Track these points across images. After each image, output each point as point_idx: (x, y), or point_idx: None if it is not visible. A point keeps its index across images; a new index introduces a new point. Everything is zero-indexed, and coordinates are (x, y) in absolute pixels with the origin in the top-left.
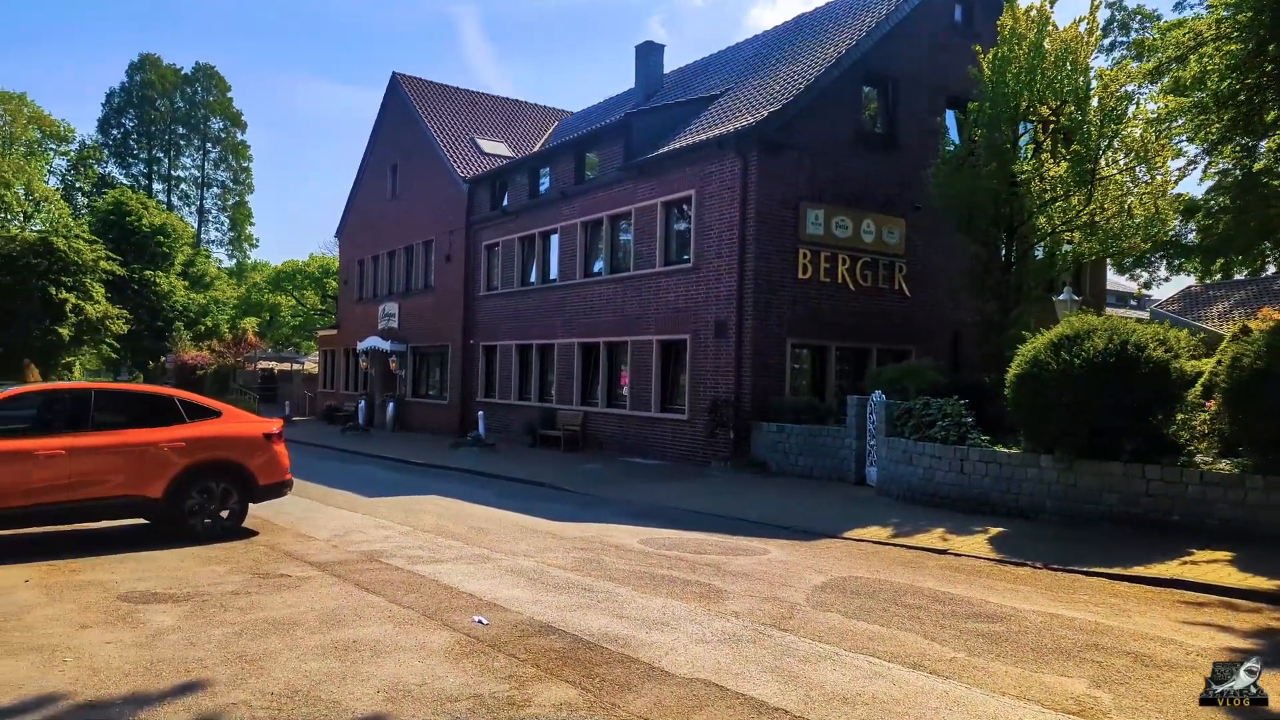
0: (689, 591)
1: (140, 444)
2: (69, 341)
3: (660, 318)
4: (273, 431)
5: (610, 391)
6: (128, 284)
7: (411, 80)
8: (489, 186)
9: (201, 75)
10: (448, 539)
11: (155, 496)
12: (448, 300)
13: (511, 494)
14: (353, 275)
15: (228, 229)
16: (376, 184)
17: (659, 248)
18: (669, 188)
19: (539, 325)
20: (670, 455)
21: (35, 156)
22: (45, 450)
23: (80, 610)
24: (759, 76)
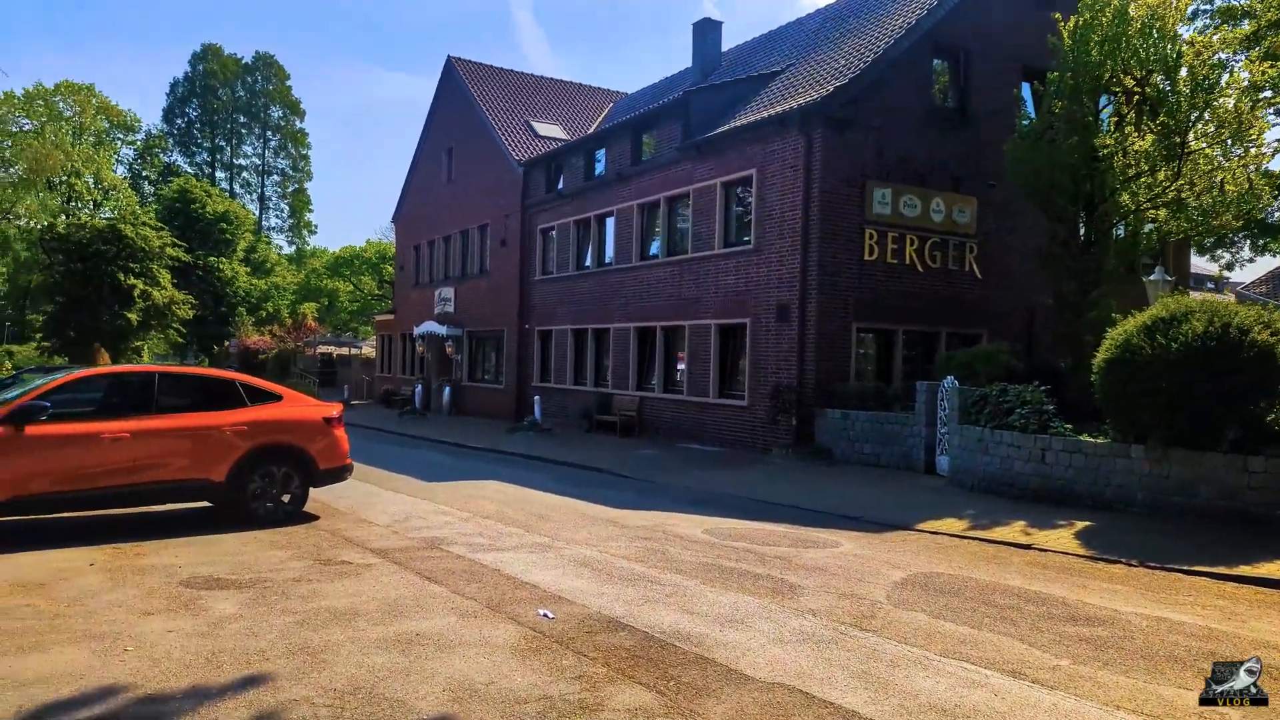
0: (761, 586)
1: (203, 427)
2: (137, 326)
3: (719, 301)
4: (333, 415)
5: (667, 376)
6: (193, 270)
7: (466, 64)
8: (544, 169)
9: (261, 64)
10: (508, 526)
11: (218, 480)
12: (503, 285)
13: (569, 480)
14: (409, 260)
15: (287, 216)
16: (432, 169)
17: (718, 229)
18: (729, 167)
19: (594, 309)
20: (728, 441)
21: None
22: (111, 433)
23: (143, 596)
24: (822, 51)
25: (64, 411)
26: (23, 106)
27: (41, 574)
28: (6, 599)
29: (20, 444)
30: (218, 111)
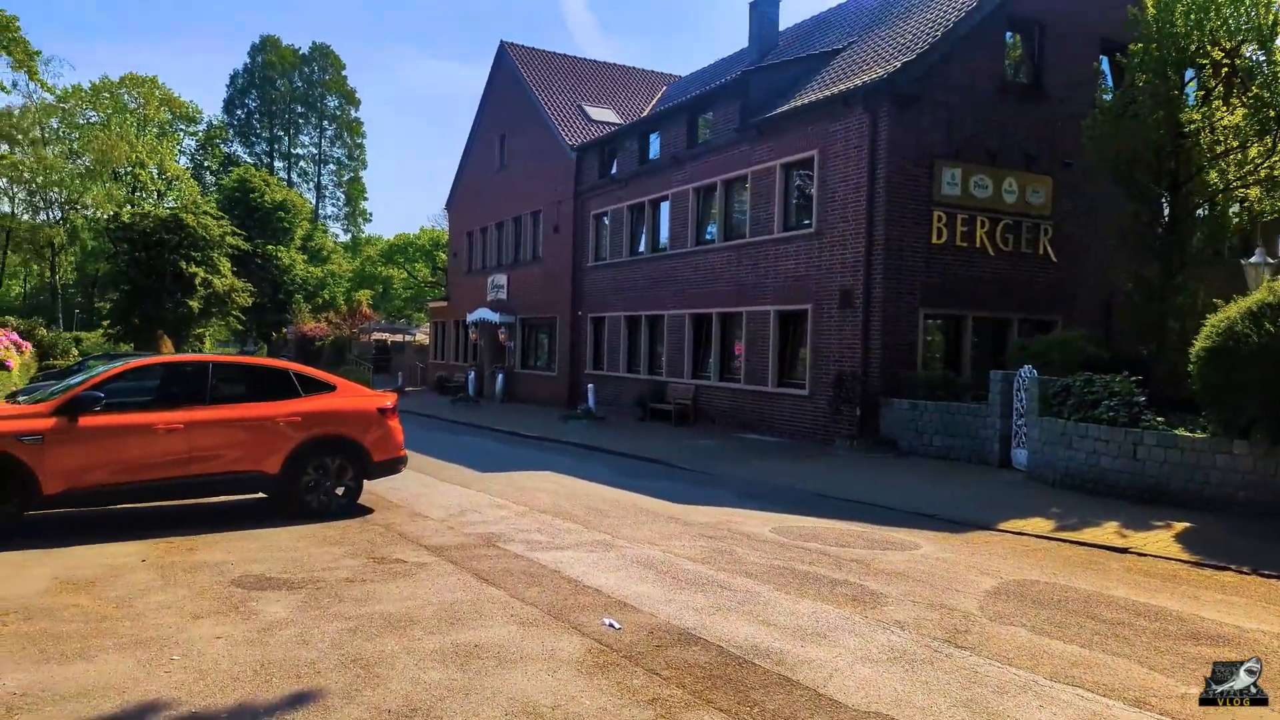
0: (839, 594)
1: (257, 418)
2: (198, 314)
3: (778, 287)
4: (387, 406)
5: (723, 364)
6: (252, 258)
7: (519, 49)
8: (597, 154)
9: (318, 55)
10: (565, 521)
11: (272, 472)
12: (556, 271)
13: (625, 471)
14: (462, 247)
15: (343, 204)
16: (484, 155)
17: (777, 212)
18: (789, 148)
19: (648, 296)
20: (788, 432)
21: (167, 137)
22: (165, 424)
23: (193, 596)
24: (886, 27)
25: (118, 401)
26: (90, 99)
27: (92, 569)
28: (55, 598)
29: (74, 435)
30: (276, 102)
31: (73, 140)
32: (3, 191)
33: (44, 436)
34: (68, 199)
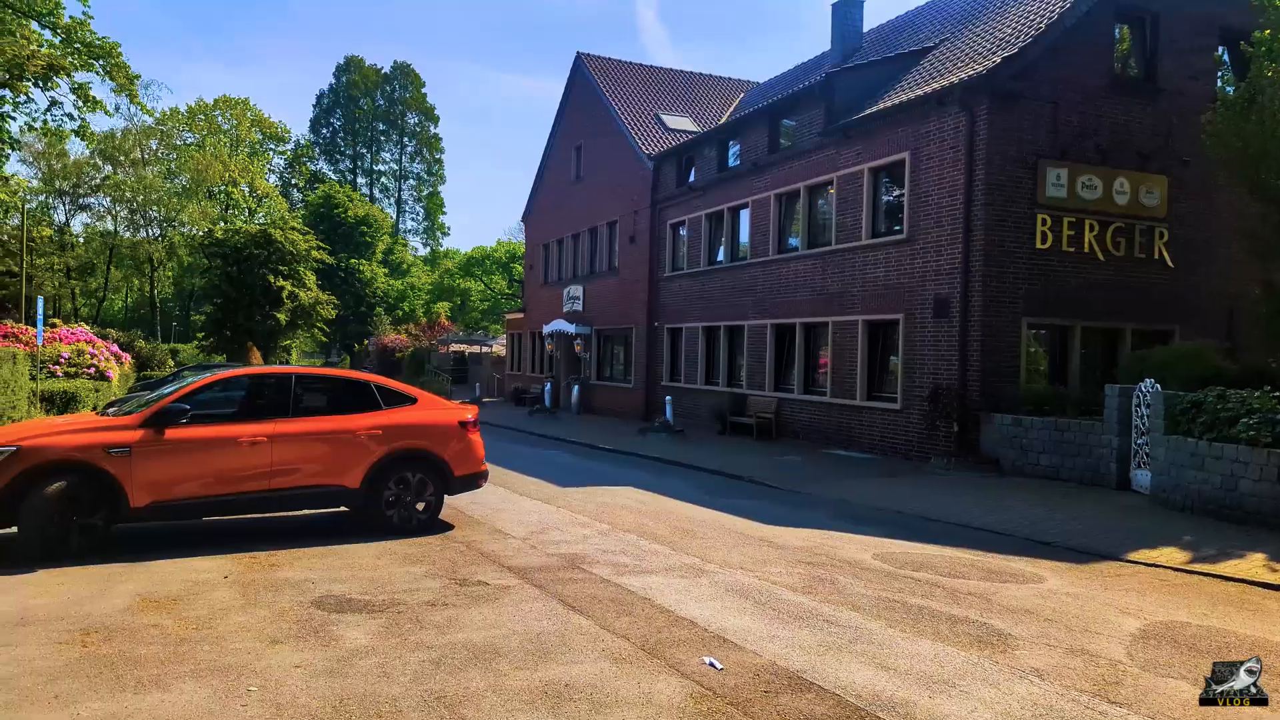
0: (962, 633)
1: (339, 431)
2: (285, 326)
3: (866, 296)
4: (468, 419)
5: (807, 377)
6: (335, 271)
7: (595, 59)
8: (674, 163)
9: (399, 73)
10: (651, 542)
11: (353, 487)
12: (632, 282)
13: (709, 488)
14: (538, 259)
15: (422, 218)
16: (561, 167)
17: (865, 218)
18: (877, 151)
19: (727, 306)
20: (878, 448)
21: (257, 156)
22: (249, 437)
23: (273, 618)
24: (981, 23)
25: (204, 414)
26: (186, 121)
27: (175, 586)
28: (136, 616)
29: (161, 448)
30: (359, 120)
31: (170, 160)
32: (107, 210)
33: (131, 449)
34: (166, 217)
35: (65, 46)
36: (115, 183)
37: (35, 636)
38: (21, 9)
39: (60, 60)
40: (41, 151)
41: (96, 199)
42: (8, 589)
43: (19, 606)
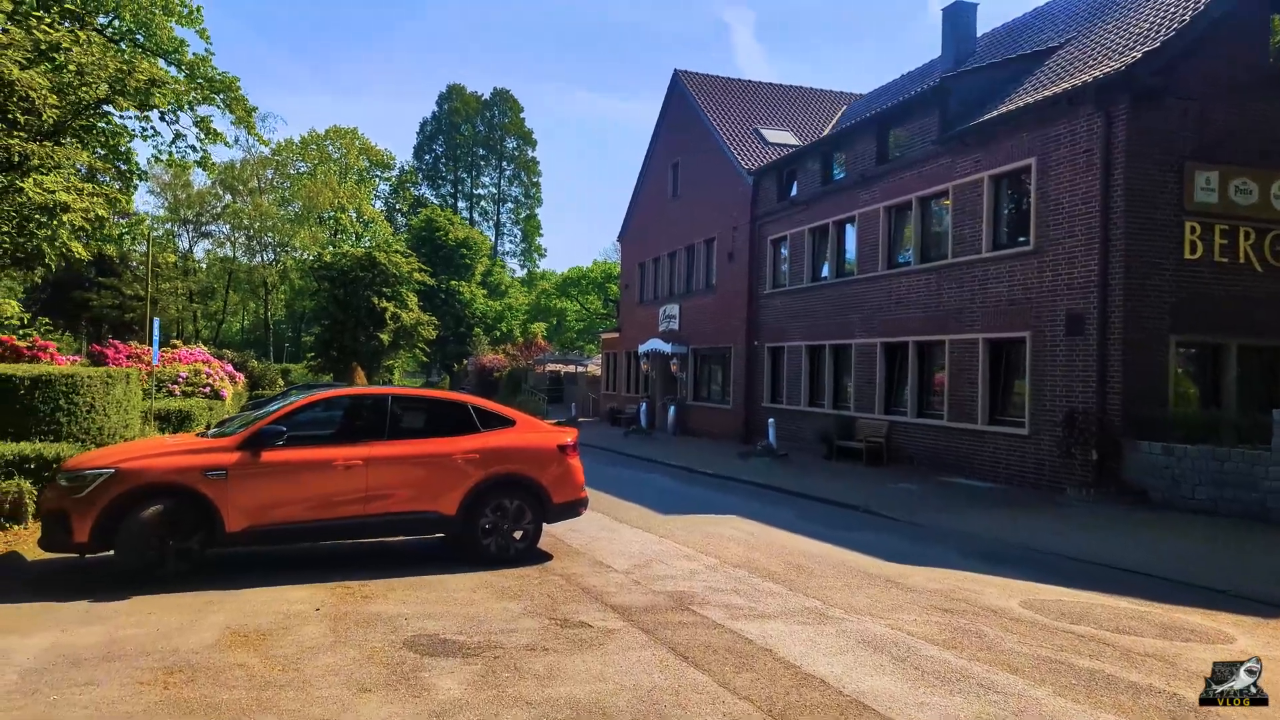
0: (1151, 708)
1: (435, 455)
2: (388, 346)
3: (988, 312)
4: (567, 443)
5: (921, 399)
6: (436, 293)
7: (691, 76)
8: (775, 177)
9: (498, 99)
10: (764, 579)
11: (449, 513)
12: (730, 300)
13: (820, 518)
14: (634, 278)
15: (520, 240)
16: (657, 185)
17: (985, 229)
18: (999, 158)
19: (832, 324)
20: (1003, 476)
21: (364, 183)
22: (344, 460)
23: (363, 660)
24: (1112, 19)
25: (300, 435)
26: (299, 151)
27: (265, 618)
28: (223, 654)
29: (257, 471)
30: (460, 146)
31: (284, 189)
32: (226, 237)
33: (228, 472)
34: (279, 242)
35: (189, 82)
36: (234, 211)
37: (118, 675)
38: (151, 48)
39: (184, 94)
40: (168, 183)
41: (217, 226)
42: (100, 617)
43: (107, 638)
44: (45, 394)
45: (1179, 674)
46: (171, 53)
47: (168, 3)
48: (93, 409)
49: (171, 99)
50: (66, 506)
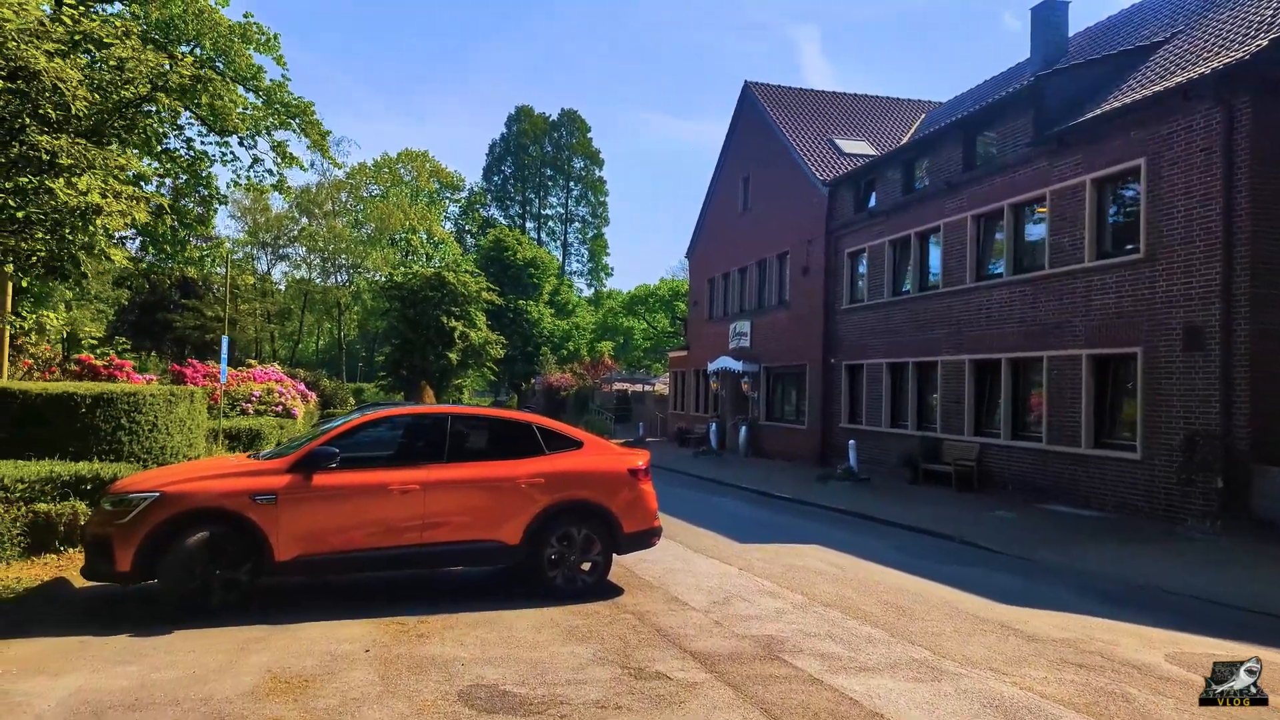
0: None
1: (497, 479)
2: (457, 365)
3: (1092, 325)
4: (639, 466)
5: (1016, 419)
6: (504, 312)
7: (762, 87)
8: (852, 188)
9: (566, 120)
10: (861, 623)
11: (511, 543)
12: (805, 316)
13: (913, 549)
14: (702, 295)
15: (587, 260)
16: (727, 200)
17: (1087, 237)
18: (1102, 160)
19: (916, 340)
20: (1111, 504)
21: (435, 205)
22: (400, 484)
23: (413, 714)
24: (1226, 7)
25: (353, 457)
26: (372, 174)
27: (310, 660)
28: (259, 704)
29: (308, 495)
30: (528, 167)
31: (358, 211)
32: (302, 259)
33: (278, 496)
34: (352, 263)
35: (266, 108)
36: (309, 233)
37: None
38: (230, 75)
39: (261, 119)
40: (248, 207)
41: (293, 249)
42: (137, 654)
43: (139, 682)
44: (107, 412)
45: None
46: (250, 79)
47: (246, 31)
48: (155, 428)
49: (250, 124)
50: (110, 532)
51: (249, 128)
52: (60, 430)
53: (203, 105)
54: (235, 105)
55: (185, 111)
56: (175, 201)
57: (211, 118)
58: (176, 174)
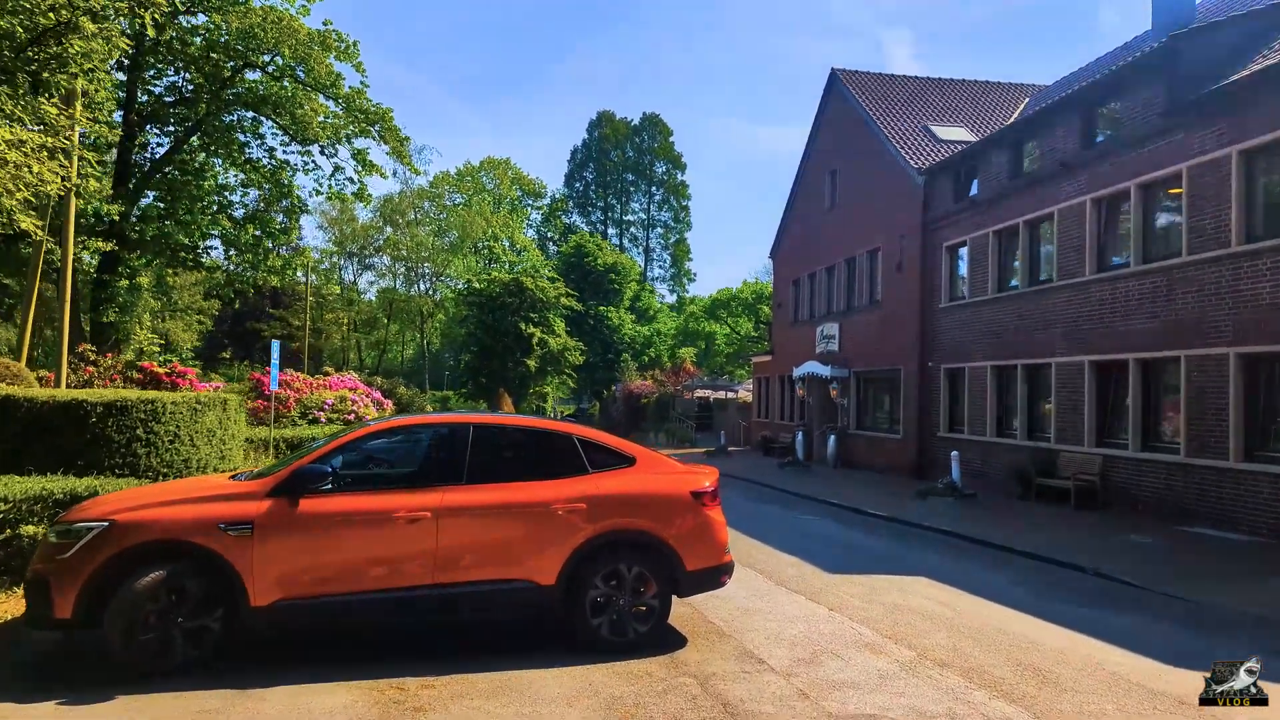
0: None
1: (529, 504)
2: (535, 372)
3: (1242, 320)
4: (705, 488)
5: (1146, 428)
6: (585, 319)
7: (851, 74)
8: (951, 176)
9: (648, 124)
10: (990, 694)
11: (545, 583)
12: (899, 316)
13: (1036, 584)
14: (787, 297)
15: (669, 265)
16: (813, 196)
17: (1235, 218)
18: (1255, 128)
19: (1026, 340)
20: (1267, 528)
21: (517, 212)
22: (408, 511)
23: None
24: None
25: (353, 476)
26: (455, 183)
27: None
28: None
29: (292, 524)
30: (609, 172)
31: (440, 220)
32: (388, 269)
33: (254, 525)
34: (435, 272)
35: (346, 115)
36: (393, 242)
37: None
38: (310, 83)
39: (342, 126)
40: (335, 218)
41: (379, 259)
42: None
43: None
44: (120, 422)
45: None
46: (329, 86)
47: (325, 39)
48: (177, 438)
49: (330, 132)
50: (48, 571)
51: (329, 136)
52: (69, 442)
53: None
54: (316, 114)
55: (266, 121)
56: (261, 210)
57: (293, 126)
58: (260, 183)
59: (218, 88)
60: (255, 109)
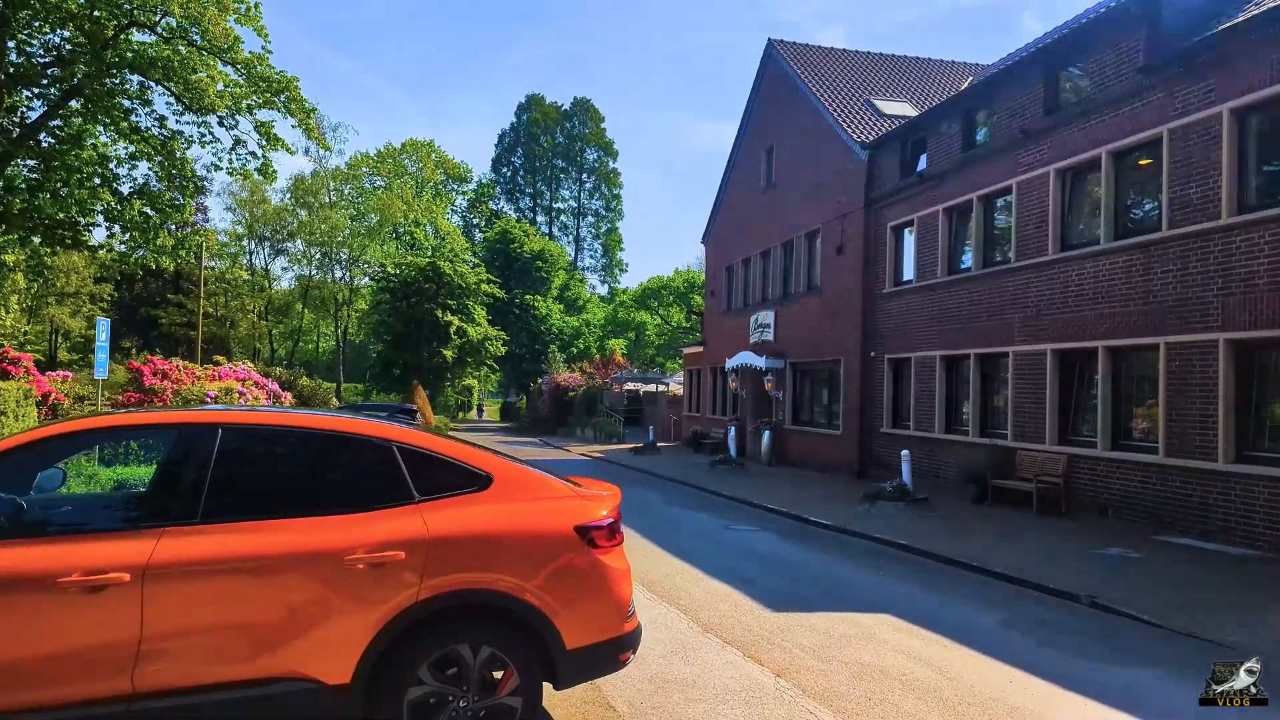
0: None
1: (307, 554)
2: (453, 363)
3: (1232, 302)
4: (597, 522)
5: (1117, 424)
6: (510, 308)
7: (789, 45)
8: (896, 150)
9: (579, 109)
10: None
11: (336, 682)
12: (839, 302)
13: (1028, 623)
14: (720, 284)
15: (600, 255)
16: (747, 176)
17: (1225, 185)
18: (1246, 83)
19: (979, 327)
20: (1262, 539)
21: (440, 197)
22: (91, 570)
23: None
24: None
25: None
26: (375, 165)
27: None
28: None
29: None
30: (539, 158)
31: (358, 203)
32: (302, 254)
33: None
34: (351, 257)
35: (248, 84)
36: (307, 225)
37: None
38: (205, 46)
39: (242, 95)
40: (244, 199)
41: (292, 243)
42: None
43: None
44: None
45: None
46: (226, 50)
47: None
48: None
49: (229, 101)
50: None
51: (228, 105)
52: None
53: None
54: (213, 81)
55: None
56: (150, 186)
57: (186, 94)
58: (150, 155)
59: (99, 47)
60: (143, 73)
